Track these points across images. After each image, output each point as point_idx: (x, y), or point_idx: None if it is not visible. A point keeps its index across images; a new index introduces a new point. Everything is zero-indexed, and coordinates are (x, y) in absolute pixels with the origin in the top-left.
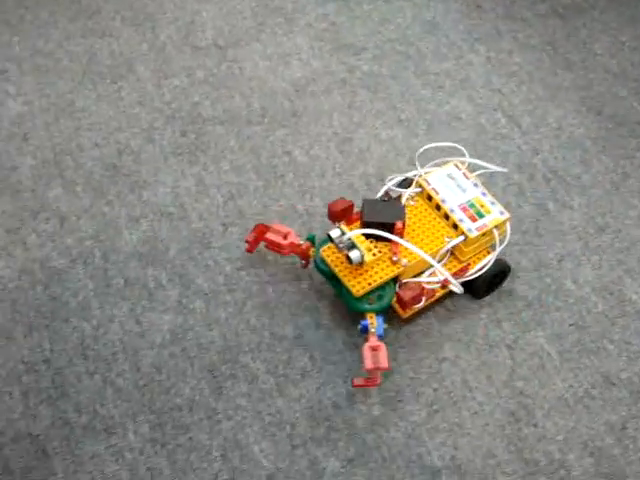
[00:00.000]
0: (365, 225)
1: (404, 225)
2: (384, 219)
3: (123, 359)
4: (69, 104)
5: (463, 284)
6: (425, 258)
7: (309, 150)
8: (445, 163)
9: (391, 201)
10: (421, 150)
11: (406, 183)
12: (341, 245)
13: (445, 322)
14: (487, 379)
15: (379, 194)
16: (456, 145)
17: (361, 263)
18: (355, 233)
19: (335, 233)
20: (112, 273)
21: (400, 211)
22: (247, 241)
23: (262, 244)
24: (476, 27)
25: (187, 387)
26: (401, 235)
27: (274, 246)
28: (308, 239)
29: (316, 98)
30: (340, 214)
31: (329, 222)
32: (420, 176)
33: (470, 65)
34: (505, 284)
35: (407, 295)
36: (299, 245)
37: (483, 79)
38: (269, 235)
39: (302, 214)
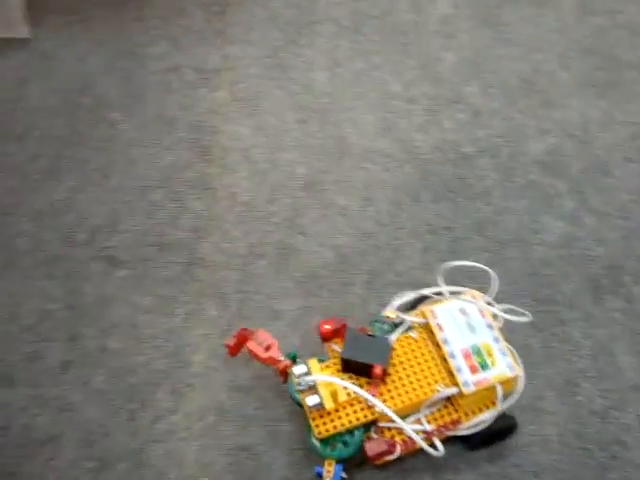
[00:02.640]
0: (342, 361)
1: (384, 372)
2: (363, 359)
3: (515, 248)
4: (493, 16)
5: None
6: (393, 418)
7: None
8: (462, 293)
9: (378, 338)
10: (447, 266)
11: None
12: (300, 386)
13: None
14: None
15: (383, 312)
16: (488, 270)
17: (320, 409)
18: (322, 379)
19: (299, 370)
20: (515, 172)
21: (384, 353)
22: (227, 345)
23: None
24: None
25: (568, 288)
26: (381, 380)
27: (253, 355)
28: (289, 357)
29: None
30: (330, 335)
31: None
32: (427, 305)
33: None
34: None
35: (372, 450)
36: (278, 361)
37: None
38: (250, 344)
39: None
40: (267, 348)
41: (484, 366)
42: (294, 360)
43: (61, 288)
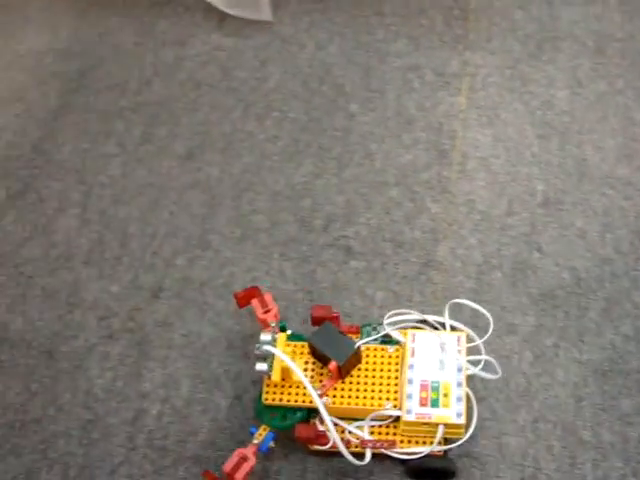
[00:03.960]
0: (308, 344)
1: (339, 370)
2: (324, 349)
3: None
4: None
5: None
6: (321, 411)
7: None
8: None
9: (347, 338)
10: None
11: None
12: (257, 351)
13: None
14: None
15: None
16: (486, 313)
17: (267, 377)
18: (275, 352)
19: (265, 337)
20: None
21: (345, 353)
22: (236, 295)
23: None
24: None
25: None
26: (336, 377)
27: (254, 312)
28: (279, 325)
29: None
30: (320, 321)
31: None
32: (412, 328)
33: None
34: None
35: (300, 432)
36: (267, 325)
37: None
38: (254, 302)
39: None
40: (267, 311)
41: (434, 404)
42: (282, 330)
43: (296, 270)
